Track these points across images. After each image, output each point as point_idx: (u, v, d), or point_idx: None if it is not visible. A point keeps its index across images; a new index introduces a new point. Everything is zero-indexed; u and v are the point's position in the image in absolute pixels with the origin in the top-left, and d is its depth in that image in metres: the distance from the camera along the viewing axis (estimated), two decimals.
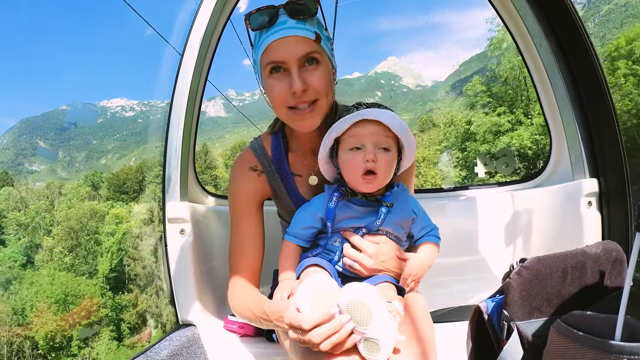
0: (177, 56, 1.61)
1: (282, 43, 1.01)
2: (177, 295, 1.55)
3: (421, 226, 1.13)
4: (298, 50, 1.01)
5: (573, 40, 1.50)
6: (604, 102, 1.43)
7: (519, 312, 0.97)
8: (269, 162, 1.23)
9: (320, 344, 0.84)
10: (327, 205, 1.05)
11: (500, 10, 1.67)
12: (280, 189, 1.23)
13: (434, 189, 1.99)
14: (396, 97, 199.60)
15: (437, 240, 1.14)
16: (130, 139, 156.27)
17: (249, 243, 1.19)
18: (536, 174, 1.88)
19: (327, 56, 1.07)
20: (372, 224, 1.05)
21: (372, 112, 0.98)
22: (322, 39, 1.04)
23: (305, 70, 1.03)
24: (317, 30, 1.04)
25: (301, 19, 1.01)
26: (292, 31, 1.00)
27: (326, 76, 1.05)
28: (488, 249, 1.88)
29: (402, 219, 1.08)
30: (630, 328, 0.78)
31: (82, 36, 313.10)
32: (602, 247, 1.04)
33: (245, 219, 1.20)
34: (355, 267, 1.05)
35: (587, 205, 1.53)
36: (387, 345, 0.87)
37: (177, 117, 1.58)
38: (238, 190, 1.22)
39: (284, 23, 1.01)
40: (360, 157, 0.99)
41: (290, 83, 1.01)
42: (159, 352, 1.31)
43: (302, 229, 1.09)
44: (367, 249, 1.04)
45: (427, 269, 1.08)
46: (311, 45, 1.02)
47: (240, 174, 1.23)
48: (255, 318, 1.10)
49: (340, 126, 1.00)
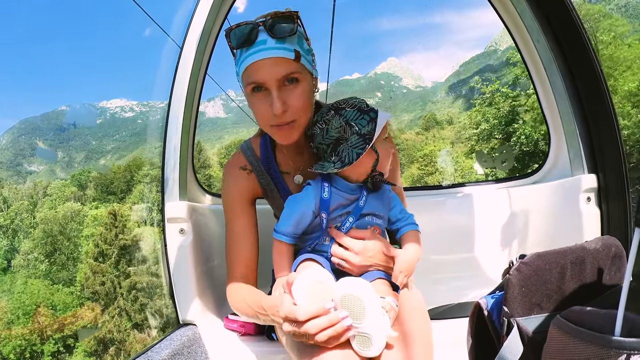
0: (176, 57, 1.61)
1: (262, 65, 1.01)
2: (178, 295, 1.55)
3: (397, 210, 1.17)
4: (278, 71, 1.01)
5: (571, 37, 1.50)
6: (602, 98, 1.44)
7: (518, 308, 0.97)
8: (257, 162, 1.26)
9: (315, 335, 0.86)
10: (321, 197, 1.06)
11: (498, 8, 1.67)
12: (270, 187, 1.26)
13: (432, 186, 2.00)
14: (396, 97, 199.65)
15: (417, 227, 1.16)
16: (130, 139, 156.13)
17: (244, 240, 1.22)
18: (535, 171, 1.88)
19: (307, 72, 1.07)
20: (357, 206, 1.08)
21: (384, 115, 1.05)
22: (301, 56, 1.04)
23: (286, 89, 1.04)
24: (298, 46, 1.03)
25: (281, 39, 1.01)
26: (271, 52, 1.00)
27: (305, 94, 1.06)
28: (487, 246, 1.88)
29: (383, 200, 1.13)
30: (630, 323, 0.78)
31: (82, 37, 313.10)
32: (601, 242, 1.05)
33: (238, 217, 1.23)
34: (344, 265, 1.06)
35: (586, 201, 1.54)
36: (379, 340, 0.89)
37: (175, 115, 1.58)
38: (229, 190, 1.25)
39: (264, 43, 1.01)
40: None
41: (271, 102, 1.03)
42: (159, 351, 1.31)
43: (292, 225, 1.09)
44: (353, 246, 1.05)
45: (416, 262, 1.09)
46: (291, 66, 1.02)
47: (230, 174, 1.27)
48: (253, 313, 1.11)
49: (375, 134, 1.02)
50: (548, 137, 1.77)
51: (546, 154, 1.81)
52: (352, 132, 1.02)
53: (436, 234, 1.82)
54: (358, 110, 1.03)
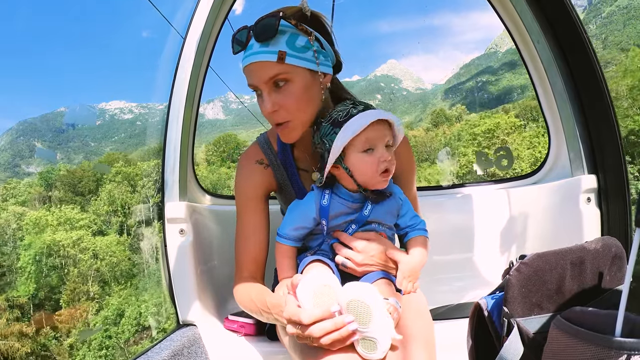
0: (176, 58, 1.61)
1: (251, 69, 1.04)
2: (177, 295, 1.55)
3: (408, 217, 1.13)
4: (262, 75, 1.03)
5: (571, 38, 1.50)
6: (603, 98, 1.44)
7: (519, 309, 0.97)
8: (274, 156, 1.24)
9: (320, 338, 0.85)
10: (320, 204, 1.05)
11: (498, 8, 1.68)
12: (286, 182, 1.24)
13: (432, 187, 2.00)
14: (396, 100, 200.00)
15: (426, 233, 1.14)
16: (129, 141, 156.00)
17: (254, 237, 1.20)
18: (534, 171, 1.89)
19: (300, 70, 1.04)
20: (360, 215, 1.06)
21: (381, 113, 0.99)
22: (289, 56, 1.02)
23: (277, 90, 1.05)
24: (285, 46, 1.01)
25: (264, 42, 1.01)
26: (256, 57, 1.02)
27: (297, 93, 1.04)
28: (487, 246, 1.88)
29: (391, 208, 1.09)
30: (630, 324, 0.78)
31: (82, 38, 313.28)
32: (601, 243, 1.04)
33: (250, 214, 1.21)
34: (348, 264, 1.05)
35: (586, 201, 1.54)
36: (385, 344, 0.88)
37: (175, 115, 1.58)
38: (244, 183, 1.23)
39: (252, 47, 1.03)
40: (375, 158, 0.99)
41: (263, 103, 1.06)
42: (159, 352, 1.31)
43: (294, 230, 1.08)
44: (356, 245, 1.05)
45: (421, 267, 1.07)
46: (274, 68, 1.01)
47: (246, 167, 1.25)
48: (257, 310, 1.10)
49: (350, 134, 0.97)
50: (548, 138, 1.77)
51: (546, 155, 1.81)
52: (325, 149, 1.01)
53: (436, 234, 1.80)
54: (332, 124, 1.01)
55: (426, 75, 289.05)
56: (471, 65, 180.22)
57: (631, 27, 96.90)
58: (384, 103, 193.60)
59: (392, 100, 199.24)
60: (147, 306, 29.74)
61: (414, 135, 76.78)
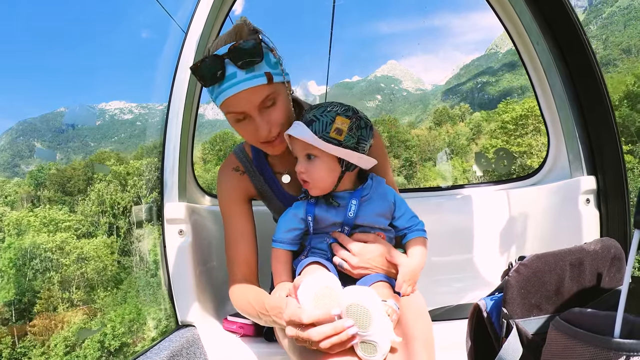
0: (176, 58, 1.61)
1: (238, 98, 1.00)
2: (176, 296, 1.55)
3: (406, 218, 1.13)
4: (255, 100, 1.01)
5: (570, 39, 1.50)
6: (602, 99, 1.44)
7: (518, 310, 0.97)
8: (249, 163, 1.27)
9: (319, 342, 0.85)
10: (306, 206, 1.08)
11: (497, 9, 1.68)
12: (265, 188, 1.27)
13: (431, 188, 2.00)
14: (396, 100, 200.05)
15: (425, 234, 1.14)
16: (129, 141, 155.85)
17: (242, 240, 1.22)
18: (534, 172, 1.89)
19: (281, 85, 1.06)
20: (346, 217, 1.06)
21: (291, 129, 1.02)
22: (274, 75, 1.02)
23: (267, 111, 1.04)
24: (267, 66, 1.01)
25: (250, 69, 0.99)
26: (244, 84, 0.98)
27: (285, 106, 1.07)
28: (486, 247, 1.88)
29: (382, 210, 1.09)
30: (629, 325, 0.78)
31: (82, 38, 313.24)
32: (600, 244, 1.04)
33: (235, 218, 1.24)
34: (344, 266, 1.05)
35: (585, 202, 1.54)
36: (384, 346, 0.89)
37: (175, 116, 1.58)
38: (223, 191, 1.26)
39: (234, 76, 0.98)
40: (298, 168, 1.06)
41: (256, 127, 1.04)
42: (158, 352, 1.31)
43: (286, 232, 1.10)
44: (352, 247, 1.05)
45: (420, 270, 1.07)
46: (265, 90, 1.01)
47: (223, 175, 1.28)
48: (255, 313, 1.10)
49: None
50: (547, 139, 1.77)
51: (545, 156, 1.81)
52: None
53: (435, 235, 1.81)
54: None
55: (426, 76, 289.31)
56: (471, 66, 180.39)
57: (632, 28, 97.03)
58: (384, 104, 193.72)
59: (392, 100, 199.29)
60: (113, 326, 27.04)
61: (416, 135, 76.40)
